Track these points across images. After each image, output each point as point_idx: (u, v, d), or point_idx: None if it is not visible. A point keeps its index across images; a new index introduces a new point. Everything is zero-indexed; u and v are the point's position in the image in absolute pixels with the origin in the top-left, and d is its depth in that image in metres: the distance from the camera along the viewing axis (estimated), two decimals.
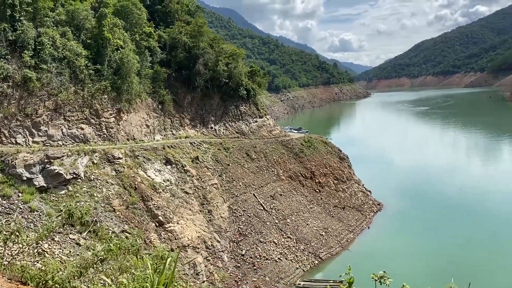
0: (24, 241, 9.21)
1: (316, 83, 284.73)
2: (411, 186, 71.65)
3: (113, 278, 8.07)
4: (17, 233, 8.93)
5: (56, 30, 38.40)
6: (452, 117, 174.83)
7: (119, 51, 43.01)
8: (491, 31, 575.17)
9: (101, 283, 7.82)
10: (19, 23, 35.09)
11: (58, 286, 7.45)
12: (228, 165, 51.29)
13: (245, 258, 41.21)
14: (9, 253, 9.53)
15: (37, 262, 14.15)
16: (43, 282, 7.45)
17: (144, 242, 32.62)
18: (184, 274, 32.90)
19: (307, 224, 49.96)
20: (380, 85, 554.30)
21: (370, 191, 64.65)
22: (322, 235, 48.97)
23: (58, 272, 7.77)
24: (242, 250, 41.85)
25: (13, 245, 9.36)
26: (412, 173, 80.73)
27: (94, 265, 8.64)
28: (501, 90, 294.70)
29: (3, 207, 27.67)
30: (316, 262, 44.70)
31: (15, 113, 33.76)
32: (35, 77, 34.62)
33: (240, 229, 44.13)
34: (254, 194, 49.87)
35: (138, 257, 9.77)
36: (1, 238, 8.79)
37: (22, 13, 35.58)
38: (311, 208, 53.58)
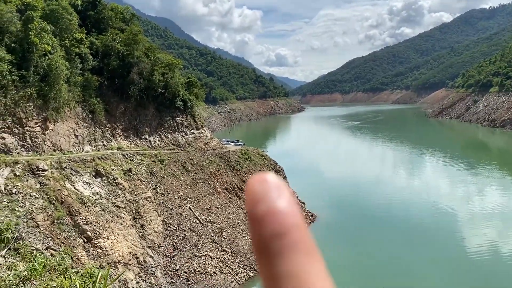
0: None
1: (253, 96, 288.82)
2: (343, 197, 74.35)
3: None
4: None
5: None
6: (380, 132, 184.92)
7: (47, 57, 40.62)
8: (415, 52, 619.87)
9: None
10: None
11: None
12: (163, 177, 50.07)
13: (179, 273, 40.20)
14: None
15: None
16: None
17: (71, 259, 30.72)
18: None
19: (243, 237, 49.91)
20: (314, 100, 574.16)
21: (304, 203, 65.99)
22: None
23: None
24: (176, 265, 40.80)
25: None
26: (343, 185, 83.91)
27: (16, 287, 7.97)
28: (423, 107, 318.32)
29: None
30: (251, 274, 44.64)
31: None
32: None
33: (174, 244, 43.05)
34: (189, 207, 49.03)
35: (66, 276, 9.13)
36: None
37: None
38: (247, 220, 53.61)
